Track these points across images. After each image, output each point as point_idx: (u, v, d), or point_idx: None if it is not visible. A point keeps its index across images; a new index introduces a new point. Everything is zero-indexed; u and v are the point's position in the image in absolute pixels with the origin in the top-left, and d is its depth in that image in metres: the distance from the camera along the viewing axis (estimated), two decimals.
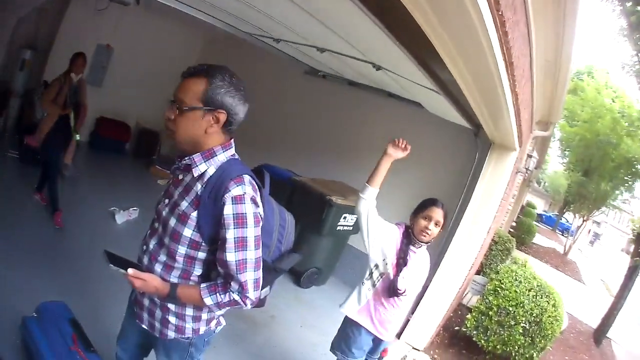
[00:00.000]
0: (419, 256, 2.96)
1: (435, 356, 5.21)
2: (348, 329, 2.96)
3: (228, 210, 1.65)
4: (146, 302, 1.91)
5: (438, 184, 6.04)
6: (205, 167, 1.73)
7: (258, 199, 1.74)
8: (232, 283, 1.73)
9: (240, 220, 1.67)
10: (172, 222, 1.73)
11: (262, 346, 4.13)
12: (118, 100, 8.60)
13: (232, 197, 1.65)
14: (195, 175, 1.73)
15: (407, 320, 5.18)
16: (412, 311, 5.18)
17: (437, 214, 2.88)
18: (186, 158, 1.74)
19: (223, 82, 1.67)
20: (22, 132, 7.22)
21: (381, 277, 2.87)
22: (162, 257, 1.79)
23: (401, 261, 2.84)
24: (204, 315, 1.94)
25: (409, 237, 2.92)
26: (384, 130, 6.68)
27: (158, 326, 1.92)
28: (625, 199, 21.69)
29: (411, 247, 2.91)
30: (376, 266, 2.89)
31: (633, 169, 15.97)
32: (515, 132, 4.48)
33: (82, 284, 3.83)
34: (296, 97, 7.96)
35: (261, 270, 1.78)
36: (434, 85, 3.62)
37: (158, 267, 1.80)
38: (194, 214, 1.70)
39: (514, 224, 19.11)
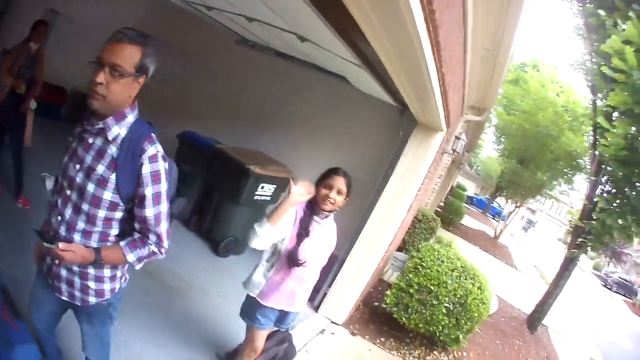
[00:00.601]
0: (324, 227, 2.93)
1: (355, 331, 5.27)
2: (253, 299, 2.94)
3: (146, 169, 1.77)
4: (64, 272, 1.93)
5: (360, 158, 6.08)
6: (118, 130, 1.76)
7: (164, 155, 1.85)
8: (150, 236, 1.88)
9: (156, 177, 1.80)
10: (91, 187, 1.76)
11: (180, 315, 4.11)
12: (56, 65, 8.26)
13: (148, 157, 1.76)
14: (110, 138, 1.75)
15: (325, 294, 5.26)
16: (330, 284, 5.25)
17: (339, 182, 2.86)
18: (99, 122, 1.75)
19: (152, 51, 1.75)
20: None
21: (279, 254, 2.85)
22: (81, 225, 1.81)
23: (302, 232, 2.81)
24: (118, 273, 2.05)
25: (312, 208, 2.88)
26: (309, 102, 6.86)
27: (79, 295, 1.97)
28: (564, 190, 22.56)
29: (315, 218, 2.88)
30: (274, 246, 2.87)
31: (574, 162, 16.58)
32: (442, 113, 4.51)
33: (12, 252, 3.72)
34: (226, 66, 7.93)
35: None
36: (357, 60, 3.58)
37: (77, 236, 1.83)
38: (112, 177, 1.76)
39: (441, 204, 19.60)
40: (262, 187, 5.60)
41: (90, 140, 1.79)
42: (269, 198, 5.80)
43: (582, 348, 10.70)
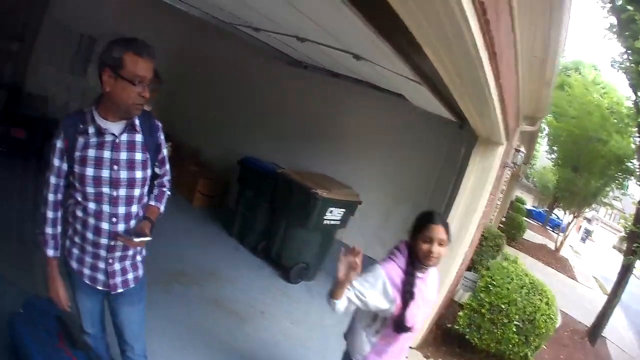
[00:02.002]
0: (427, 279, 2.65)
1: (428, 354, 5.16)
2: None
3: (162, 137, 2.28)
4: (117, 266, 2.24)
5: (423, 178, 6.02)
6: (137, 120, 2.13)
7: None
8: (166, 183, 2.41)
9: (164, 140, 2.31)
10: (139, 174, 2.13)
11: (252, 342, 4.11)
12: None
13: (160, 128, 2.27)
14: (138, 129, 2.13)
15: None
16: None
17: (439, 232, 2.54)
18: (123, 121, 2.08)
19: None
20: (7, 124, 7.24)
21: (385, 322, 2.55)
22: (134, 208, 2.17)
23: (407, 295, 2.48)
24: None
25: (413, 264, 2.55)
26: (366, 122, 6.73)
27: (132, 276, 2.32)
28: (617, 196, 21.66)
29: (417, 275, 2.55)
30: (376, 315, 2.58)
31: (623, 166, 15.90)
32: (502, 126, 4.42)
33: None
34: (279, 88, 7.92)
35: None
36: (415, 77, 3.53)
37: (133, 222, 2.18)
38: (147, 155, 2.16)
39: (503, 219, 19.11)
40: (331, 211, 5.58)
41: (117, 140, 2.05)
42: (338, 222, 5.78)
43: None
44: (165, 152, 2.29)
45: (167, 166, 2.36)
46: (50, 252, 2.14)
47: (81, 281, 2.22)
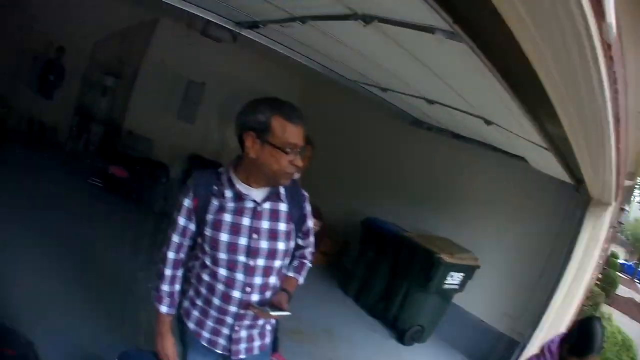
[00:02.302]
0: None
1: None
2: None
3: (308, 208, 2.12)
4: (244, 334, 2.04)
5: (539, 240, 5.92)
6: (282, 190, 1.99)
7: None
8: (308, 255, 2.25)
9: (311, 211, 2.17)
10: (281, 245, 1.95)
11: None
12: (211, 138, 8.71)
13: (308, 198, 2.12)
14: (283, 198, 1.99)
15: None
16: None
17: None
18: (267, 189, 1.94)
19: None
20: (106, 160, 7.56)
21: None
22: (273, 280, 1.99)
23: None
24: None
25: None
26: (486, 184, 6.68)
27: (258, 343, 2.11)
28: None
29: None
30: None
31: None
32: (614, 185, 4.48)
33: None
34: (400, 148, 7.95)
35: None
36: (543, 141, 3.66)
37: (269, 293, 1.99)
38: (292, 226, 2.01)
39: (599, 276, 18.10)
40: (451, 276, 5.67)
41: (259, 209, 1.90)
42: (457, 286, 5.86)
43: None
44: (310, 223, 2.16)
45: (312, 238, 2.23)
46: (164, 309, 2.02)
47: (198, 342, 2.05)
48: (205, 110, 8.94)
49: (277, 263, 1.96)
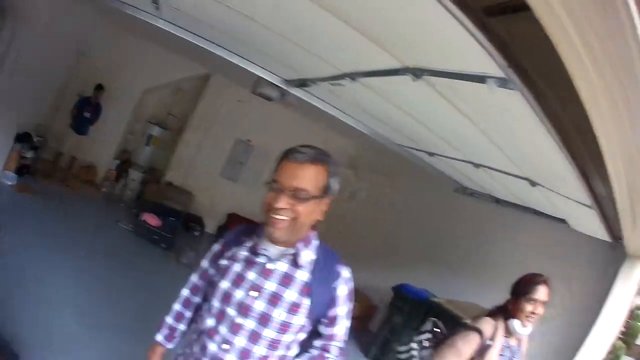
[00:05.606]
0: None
1: None
2: None
3: (343, 291, 1.82)
4: None
5: (572, 299, 5.87)
6: (307, 255, 1.79)
7: None
8: (332, 350, 1.87)
9: (350, 297, 1.86)
10: (278, 314, 1.72)
11: None
12: (252, 198, 8.57)
13: (345, 279, 1.83)
14: (301, 263, 1.76)
15: None
16: None
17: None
18: (289, 249, 1.77)
19: (336, 170, 1.76)
20: (140, 207, 7.69)
21: None
22: (260, 351, 1.74)
23: None
24: None
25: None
26: (523, 248, 6.64)
27: None
28: None
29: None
30: None
31: None
32: None
33: None
34: (441, 214, 7.88)
35: None
36: (589, 200, 3.63)
37: None
38: (306, 302, 1.75)
39: (622, 329, 17.25)
40: None
41: (270, 266, 1.75)
42: None
43: None
44: (340, 311, 1.83)
45: (341, 330, 1.87)
46: (158, 338, 2.04)
47: None
48: (250, 169, 9.00)
49: (269, 334, 1.73)
